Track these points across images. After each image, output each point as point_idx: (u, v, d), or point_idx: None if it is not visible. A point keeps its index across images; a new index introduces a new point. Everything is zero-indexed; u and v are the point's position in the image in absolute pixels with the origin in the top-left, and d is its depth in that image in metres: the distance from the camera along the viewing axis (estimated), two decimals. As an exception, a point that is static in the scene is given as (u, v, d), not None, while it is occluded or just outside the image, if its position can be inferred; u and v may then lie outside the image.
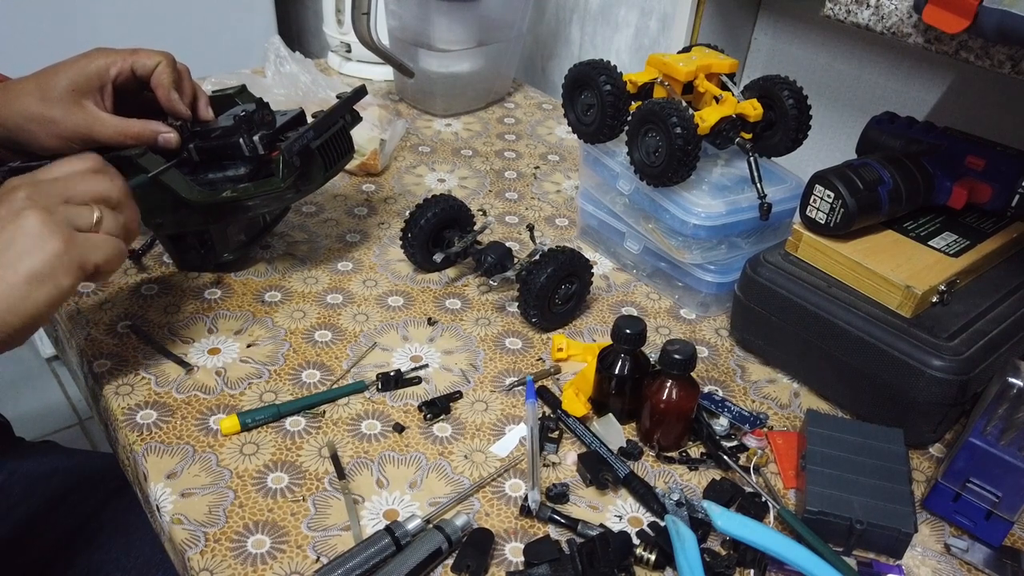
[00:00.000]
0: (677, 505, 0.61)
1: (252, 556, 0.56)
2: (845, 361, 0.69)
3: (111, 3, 1.53)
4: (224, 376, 0.71)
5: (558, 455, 0.66)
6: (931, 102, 0.92)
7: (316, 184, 0.79)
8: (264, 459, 0.64)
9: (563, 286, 0.78)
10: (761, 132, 0.84)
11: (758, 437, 0.69)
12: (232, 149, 0.75)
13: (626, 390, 0.68)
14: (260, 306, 0.80)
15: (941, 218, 0.77)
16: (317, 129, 0.76)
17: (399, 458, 0.65)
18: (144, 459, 0.63)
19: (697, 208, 0.78)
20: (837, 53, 0.99)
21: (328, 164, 0.79)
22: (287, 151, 0.73)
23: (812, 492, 0.60)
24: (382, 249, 0.90)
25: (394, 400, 0.70)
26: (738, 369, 0.78)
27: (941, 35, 0.64)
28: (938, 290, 0.68)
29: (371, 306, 0.81)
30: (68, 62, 0.73)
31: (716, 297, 0.83)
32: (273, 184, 0.74)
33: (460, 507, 0.61)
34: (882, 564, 0.60)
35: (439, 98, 1.22)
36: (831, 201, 0.70)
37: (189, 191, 0.73)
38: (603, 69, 0.81)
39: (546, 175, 1.09)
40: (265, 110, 0.79)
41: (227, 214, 0.78)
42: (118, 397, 0.68)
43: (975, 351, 0.65)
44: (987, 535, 0.61)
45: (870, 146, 0.81)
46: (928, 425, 0.67)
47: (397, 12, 1.17)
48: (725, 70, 0.83)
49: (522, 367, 0.75)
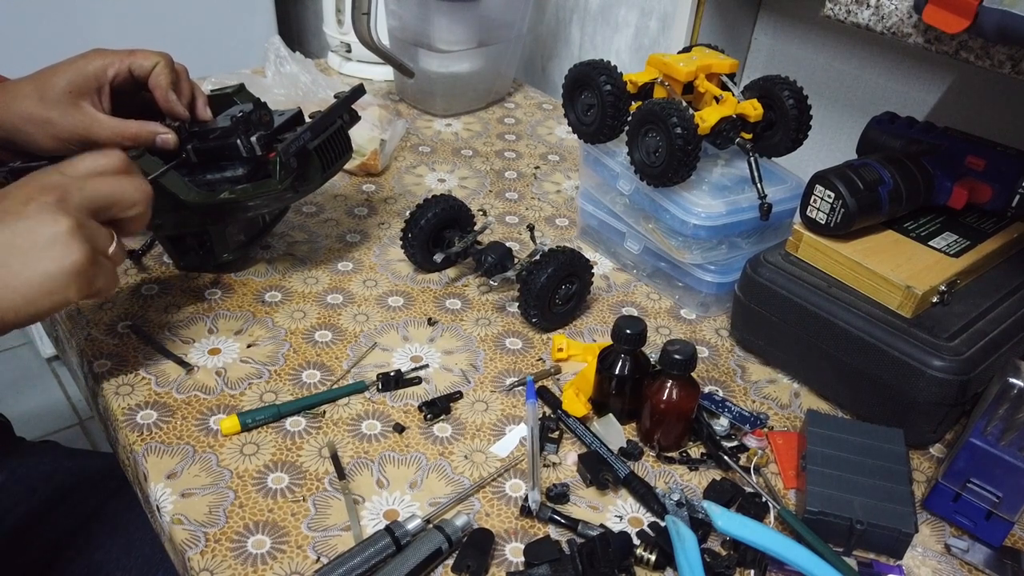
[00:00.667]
0: (677, 505, 0.61)
1: (252, 556, 0.56)
2: (845, 361, 0.69)
3: (111, 3, 1.52)
4: (224, 376, 0.71)
5: (558, 455, 0.66)
6: (931, 102, 0.92)
7: (314, 184, 0.79)
8: (264, 459, 0.64)
9: (563, 286, 0.78)
10: (761, 132, 0.84)
11: (758, 437, 0.69)
12: (230, 150, 0.74)
13: (626, 390, 0.68)
14: (260, 306, 0.80)
15: (941, 218, 0.77)
16: (314, 130, 0.76)
17: (399, 458, 0.65)
18: (144, 459, 0.63)
19: (697, 208, 0.78)
20: (837, 53, 0.99)
21: (326, 165, 0.78)
22: (284, 153, 0.73)
23: (812, 492, 0.60)
24: (382, 249, 0.90)
25: (394, 400, 0.70)
26: (738, 369, 0.78)
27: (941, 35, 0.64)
28: (938, 290, 0.68)
29: (371, 306, 0.81)
30: (66, 63, 0.73)
31: (716, 297, 0.83)
32: (271, 185, 0.74)
33: (460, 507, 0.61)
34: (882, 564, 0.60)
35: (439, 98, 1.22)
36: (831, 201, 0.70)
37: (187, 193, 0.73)
38: (603, 69, 0.81)
39: (546, 175, 1.09)
40: (263, 110, 0.79)
41: (226, 215, 0.78)
42: (118, 397, 0.68)
43: (975, 351, 0.65)
44: (987, 535, 0.61)
45: (870, 146, 0.81)
46: (928, 425, 0.67)
47: (397, 12, 1.17)
48: (725, 70, 0.83)
49: (522, 367, 0.75)
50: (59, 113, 0.71)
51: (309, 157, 0.76)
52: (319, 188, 0.81)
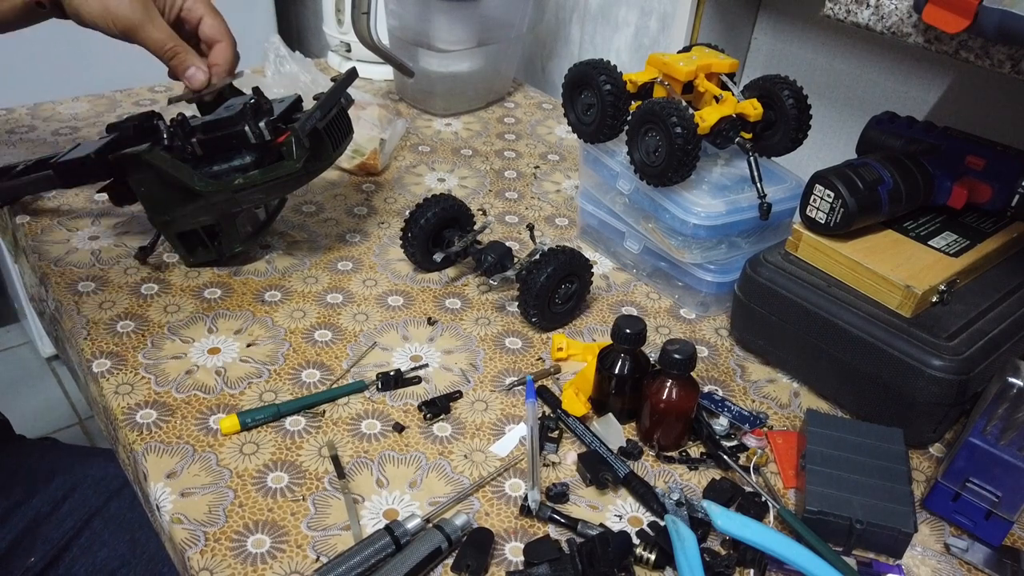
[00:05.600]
0: (677, 505, 0.61)
1: (252, 556, 0.56)
2: (845, 361, 0.69)
3: (111, 3, 1.52)
4: (224, 376, 0.71)
5: (558, 455, 0.66)
6: (931, 102, 0.92)
7: (326, 163, 0.80)
8: (264, 459, 0.64)
9: (563, 286, 0.78)
10: (761, 132, 0.84)
11: (758, 437, 0.69)
12: (237, 138, 0.75)
13: (626, 390, 0.68)
14: (260, 306, 0.80)
15: (941, 218, 0.77)
16: (323, 109, 0.77)
17: (399, 458, 0.65)
18: (144, 458, 0.63)
19: (697, 208, 0.78)
20: (837, 53, 0.99)
21: (334, 144, 0.80)
22: (300, 131, 0.74)
23: (812, 492, 0.60)
24: (382, 249, 0.90)
25: (394, 400, 0.70)
26: (738, 369, 0.78)
27: (941, 35, 0.64)
28: (938, 290, 0.68)
29: (371, 306, 0.81)
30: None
31: (716, 297, 0.83)
32: (287, 167, 0.75)
33: (460, 507, 0.61)
34: (882, 564, 0.60)
35: (439, 98, 1.22)
36: (831, 201, 0.70)
37: (203, 184, 0.74)
38: (603, 69, 0.81)
39: (546, 175, 1.09)
40: (262, 98, 0.79)
41: (238, 204, 0.78)
42: (118, 397, 0.68)
43: (975, 351, 0.65)
44: (987, 535, 0.61)
45: (870, 146, 0.81)
46: (928, 425, 0.67)
47: (397, 12, 1.17)
48: (725, 70, 0.83)
49: (522, 367, 0.75)
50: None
51: (319, 137, 0.77)
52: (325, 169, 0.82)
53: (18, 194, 0.88)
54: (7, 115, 1.10)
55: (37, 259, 0.84)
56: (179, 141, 0.76)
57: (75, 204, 0.93)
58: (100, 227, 0.89)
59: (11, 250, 0.96)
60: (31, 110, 1.12)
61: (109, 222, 0.90)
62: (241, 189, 0.75)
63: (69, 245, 0.86)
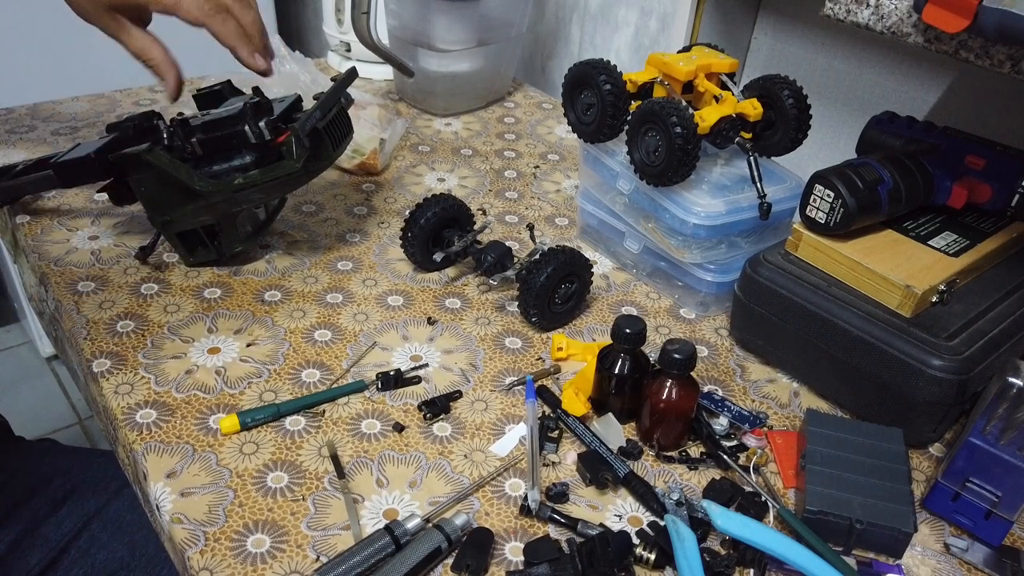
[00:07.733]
0: (677, 505, 0.61)
1: (252, 555, 0.56)
2: (845, 361, 0.69)
3: (111, 2, 1.52)
4: (224, 375, 0.71)
5: (558, 455, 0.66)
6: (931, 102, 0.92)
7: (325, 164, 0.80)
8: (264, 458, 0.64)
9: (563, 285, 0.78)
10: (761, 132, 0.84)
11: (758, 437, 0.69)
12: (237, 138, 0.75)
13: (626, 390, 0.68)
14: (260, 306, 0.80)
15: (941, 218, 0.77)
16: (323, 109, 0.77)
17: (399, 457, 0.65)
18: (144, 458, 0.63)
19: (697, 207, 0.78)
20: (837, 53, 0.99)
21: (334, 143, 0.80)
22: (300, 130, 0.74)
23: (812, 491, 0.60)
24: (382, 248, 0.90)
25: (394, 400, 0.70)
26: (738, 369, 0.78)
27: (941, 35, 0.64)
28: (938, 290, 0.68)
29: (371, 305, 0.81)
30: None
31: (716, 297, 0.83)
32: (287, 166, 0.75)
33: (460, 506, 0.61)
34: (882, 564, 0.60)
35: (439, 98, 1.22)
36: (831, 201, 0.70)
37: (203, 184, 0.73)
38: (603, 69, 0.81)
39: (546, 174, 1.09)
40: (261, 98, 0.79)
41: (238, 204, 0.78)
42: (118, 397, 0.68)
43: (975, 351, 0.65)
44: (987, 535, 0.61)
45: (870, 146, 0.81)
46: (928, 425, 0.67)
47: (397, 12, 1.17)
48: (725, 70, 0.83)
49: (522, 366, 0.75)
50: None
51: (319, 137, 0.77)
52: (326, 168, 0.82)
53: (18, 194, 0.88)
54: (7, 115, 1.10)
55: (37, 259, 0.84)
56: (179, 141, 0.76)
57: (75, 204, 0.93)
58: (100, 227, 0.89)
59: (11, 250, 0.96)
60: (31, 110, 1.12)
61: (109, 222, 0.90)
62: (241, 189, 0.75)
63: (69, 245, 0.86)
